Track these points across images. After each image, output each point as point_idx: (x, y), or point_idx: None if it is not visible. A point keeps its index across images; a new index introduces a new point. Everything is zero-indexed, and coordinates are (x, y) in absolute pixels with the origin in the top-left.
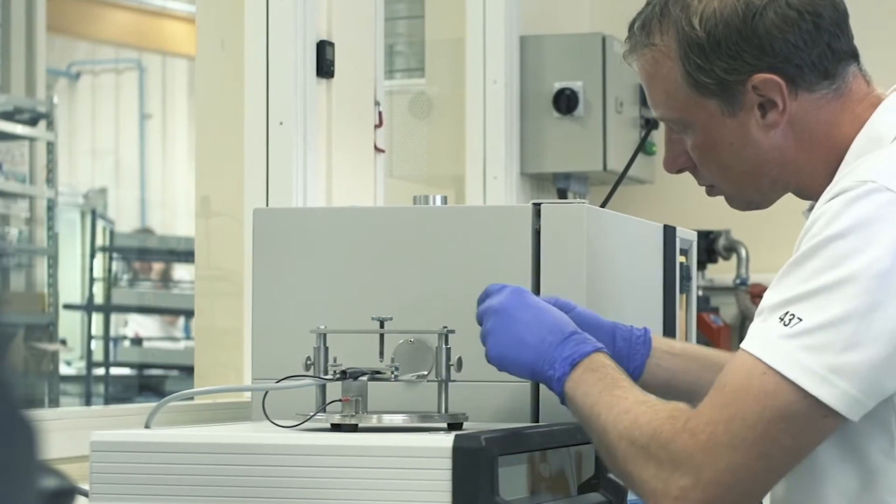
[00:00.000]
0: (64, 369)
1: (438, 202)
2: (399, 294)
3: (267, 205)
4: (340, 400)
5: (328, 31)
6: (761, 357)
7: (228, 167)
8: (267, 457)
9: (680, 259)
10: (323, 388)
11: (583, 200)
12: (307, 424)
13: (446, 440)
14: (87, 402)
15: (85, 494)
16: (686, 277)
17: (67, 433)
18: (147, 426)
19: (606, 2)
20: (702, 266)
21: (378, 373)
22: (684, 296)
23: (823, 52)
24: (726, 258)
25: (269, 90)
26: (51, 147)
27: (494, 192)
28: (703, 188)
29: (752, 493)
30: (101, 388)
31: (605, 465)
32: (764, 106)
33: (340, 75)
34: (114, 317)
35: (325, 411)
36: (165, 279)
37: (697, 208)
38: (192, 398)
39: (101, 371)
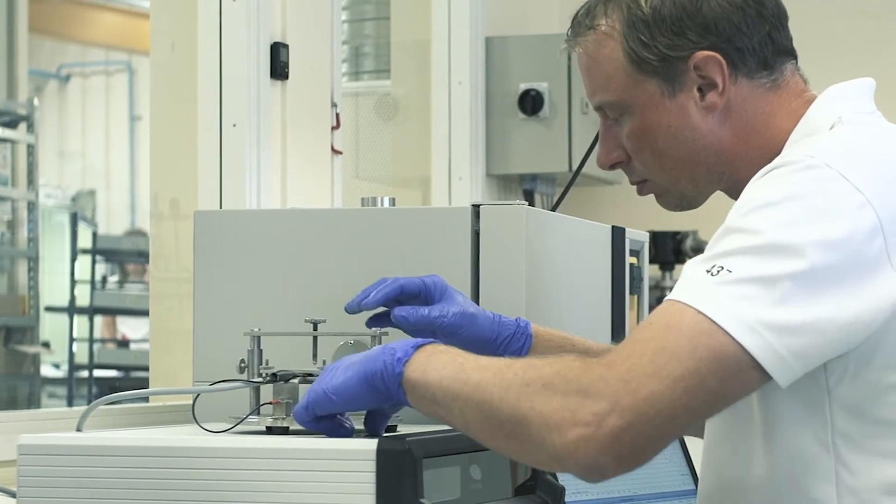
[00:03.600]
0: (53, 372)
1: (386, 204)
2: (342, 295)
3: (220, 207)
4: (270, 403)
5: (282, 32)
6: (690, 303)
7: (183, 169)
8: (194, 460)
9: (630, 260)
10: (257, 391)
11: (522, 202)
12: (240, 427)
13: (371, 443)
14: (70, 404)
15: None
16: (637, 278)
17: (6, 436)
18: (78, 429)
19: (575, 3)
20: (670, 267)
21: (310, 375)
22: (636, 297)
23: (764, 41)
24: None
25: (223, 92)
26: (31, 149)
27: (460, 194)
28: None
29: (668, 433)
30: (84, 391)
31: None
32: (703, 89)
33: (295, 77)
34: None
35: (258, 414)
36: None
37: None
38: (145, 399)
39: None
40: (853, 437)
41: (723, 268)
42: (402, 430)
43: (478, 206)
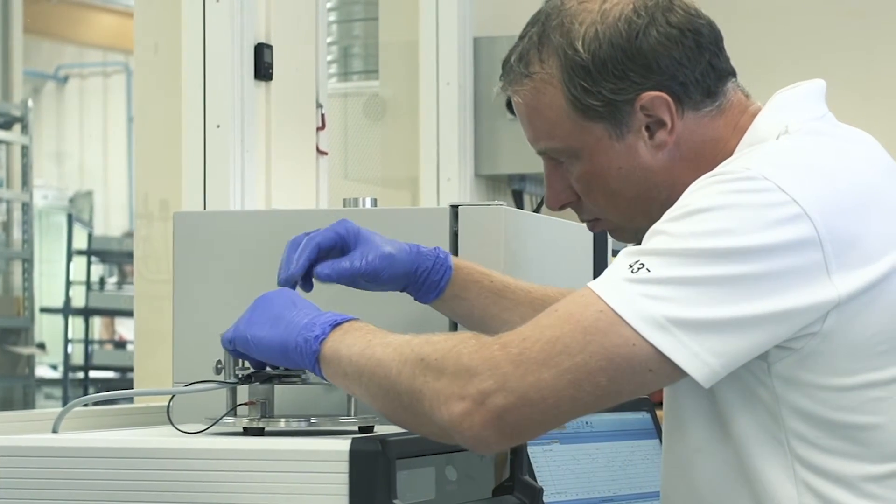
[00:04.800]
0: (50, 373)
1: (368, 204)
2: (319, 296)
3: (205, 208)
4: (245, 404)
5: (266, 33)
6: (600, 294)
7: (168, 170)
8: (167, 461)
9: (612, 260)
10: (233, 392)
11: (500, 202)
12: (217, 428)
13: (344, 444)
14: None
15: None
16: None
17: None
18: (54, 430)
19: None
20: None
21: (286, 376)
22: None
23: (706, 70)
24: None
25: (206, 93)
26: (25, 151)
27: (448, 194)
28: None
29: (552, 419)
30: (81, 392)
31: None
32: (651, 127)
33: (280, 78)
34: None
35: (235, 415)
36: None
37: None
38: (131, 400)
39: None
40: (806, 437)
41: (643, 265)
42: (379, 430)
43: (456, 206)
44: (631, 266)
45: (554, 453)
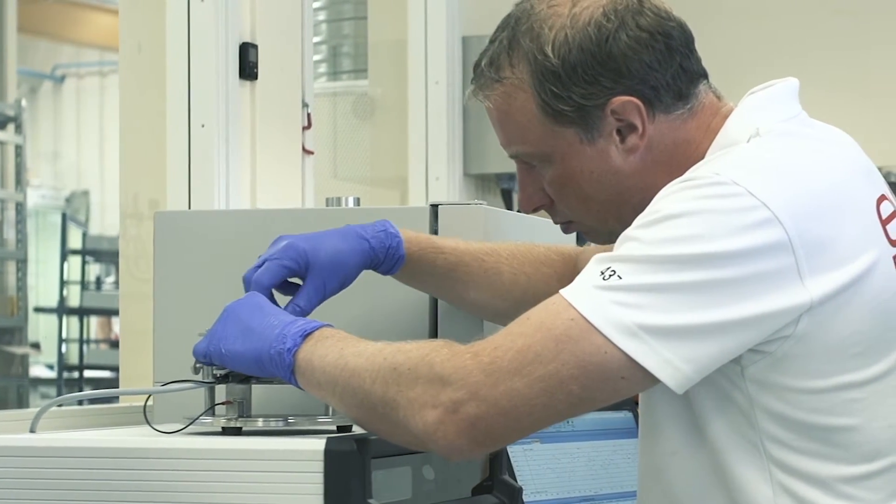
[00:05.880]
0: (46, 373)
1: (350, 203)
2: None
3: (189, 208)
4: (223, 403)
5: (251, 33)
6: (572, 301)
7: (153, 170)
8: (143, 461)
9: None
10: (212, 392)
11: (480, 202)
12: (194, 428)
13: (319, 443)
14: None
15: None
16: None
17: None
18: (32, 430)
19: None
20: None
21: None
22: None
23: (677, 73)
24: None
25: (191, 92)
26: (19, 150)
27: (437, 193)
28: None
29: (525, 427)
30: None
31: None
32: (622, 131)
33: (265, 77)
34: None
35: (213, 415)
36: None
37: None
38: (115, 399)
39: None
40: (781, 440)
41: (614, 272)
42: (357, 429)
43: (436, 205)
44: (602, 273)
45: (534, 452)
